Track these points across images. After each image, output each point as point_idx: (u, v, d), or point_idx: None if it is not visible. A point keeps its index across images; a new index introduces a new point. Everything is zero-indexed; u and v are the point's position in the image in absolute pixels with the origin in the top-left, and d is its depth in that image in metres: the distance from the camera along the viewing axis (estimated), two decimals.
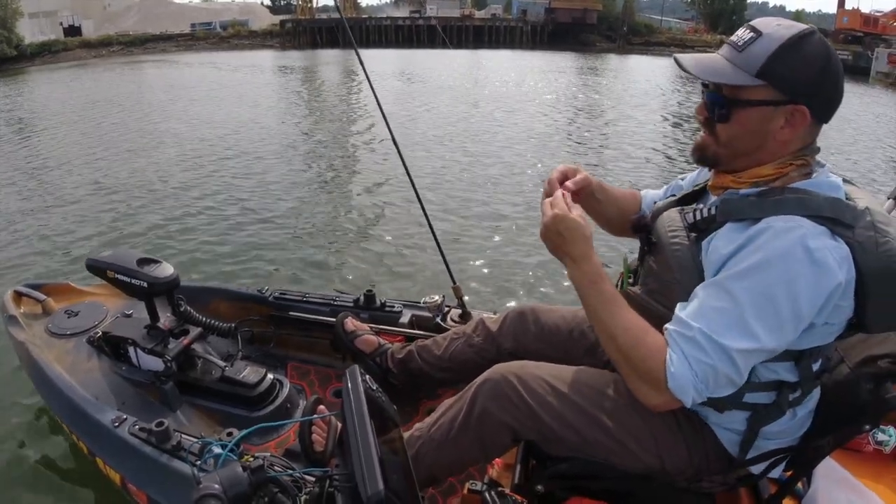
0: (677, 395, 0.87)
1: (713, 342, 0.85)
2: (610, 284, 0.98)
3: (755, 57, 0.88)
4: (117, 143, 7.88)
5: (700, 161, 1.02)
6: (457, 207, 5.08)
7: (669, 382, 0.87)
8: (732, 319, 0.84)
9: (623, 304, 0.97)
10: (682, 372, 0.86)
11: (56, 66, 25.26)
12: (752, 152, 0.94)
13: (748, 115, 0.91)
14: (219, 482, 0.85)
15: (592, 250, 0.98)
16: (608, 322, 0.95)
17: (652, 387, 0.90)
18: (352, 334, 1.72)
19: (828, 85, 0.88)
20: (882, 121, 11.88)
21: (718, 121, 0.94)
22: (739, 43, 0.91)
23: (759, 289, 0.83)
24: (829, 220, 0.85)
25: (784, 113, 0.89)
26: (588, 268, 0.97)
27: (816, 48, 0.87)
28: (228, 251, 4.07)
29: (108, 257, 1.67)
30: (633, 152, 7.62)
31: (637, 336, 0.92)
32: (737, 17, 41.35)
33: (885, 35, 28.43)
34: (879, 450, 1.37)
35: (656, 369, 0.88)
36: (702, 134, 0.99)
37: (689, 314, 0.88)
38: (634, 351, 0.92)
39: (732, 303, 0.85)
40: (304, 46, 36.00)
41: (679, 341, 0.88)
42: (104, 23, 39.58)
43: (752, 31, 0.91)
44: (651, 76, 19.80)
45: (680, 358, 0.87)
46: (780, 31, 0.88)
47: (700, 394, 0.87)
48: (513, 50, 34.59)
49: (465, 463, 1.21)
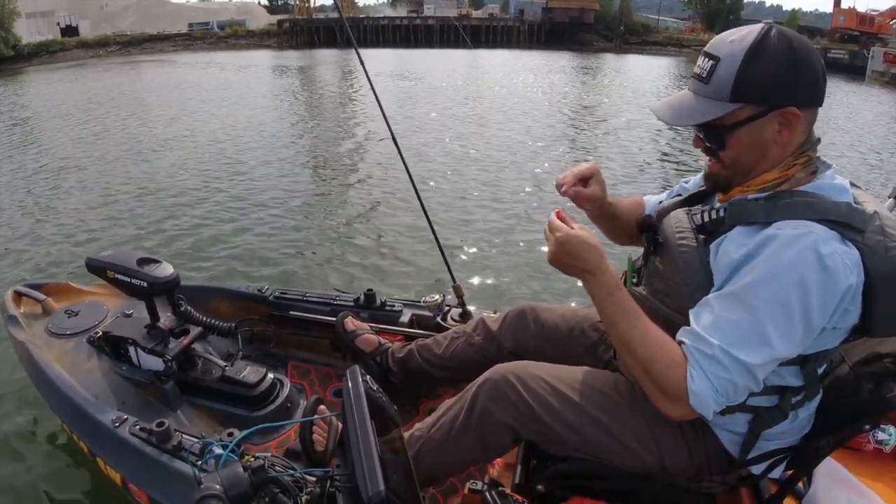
0: (698, 410, 0.87)
1: (733, 359, 0.85)
2: (627, 294, 0.98)
3: (722, 83, 0.88)
4: (117, 143, 7.88)
5: (715, 188, 1.02)
6: (457, 206, 5.08)
7: (691, 399, 0.87)
8: (750, 332, 0.84)
9: (640, 314, 0.96)
10: (703, 389, 0.86)
11: (54, 66, 25.21)
12: (757, 163, 0.93)
13: (740, 135, 0.91)
14: (220, 482, 0.85)
15: (605, 260, 0.97)
16: (627, 333, 0.94)
17: (672, 399, 0.90)
18: (352, 334, 1.72)
19: (803, 74, 0.86)
20: (882, 119, 11.88)
21: (717, 149, 0.95)
22: (703, 74, 0.91)
23: (774, 298, 0.83)
24: (839, 224, 0.84)
25: (775, 118, 0.89)
26: (604, 279, 0.96)
27: (777, 45, 0.86)
28: (228, 251, 4.07)
29: (108, 257, 1.67)
30: (632, 150, 7.64)
31: (656, 349, 0.92)
32: (733, 17, 41.51)
33: (881, 34, 28.59)
34: (880, 449, 1.37)
35: (676, 385, 0.88)
36: (708, 162, 1.00)
37: (705, 328, 0.88)
38: (654, 364, 0.91)
39: (748, 315, 0.84)
40: (302, 46, 35.92)
41: (699, 359, 0.87)
42: (101, 23, 39.42)
43: (709, 58, 0.90)
44: (648, 75, 19.81)
45: (700, 375, 0.86)
46: (735, 47, 0.87)
47: (720, 406, 0.88)
48: (510, 49, 34.65)
49: (465, 463, 1.22)
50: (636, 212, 1.27)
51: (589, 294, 0.99)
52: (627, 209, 1.27)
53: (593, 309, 1.39)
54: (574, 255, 0.97)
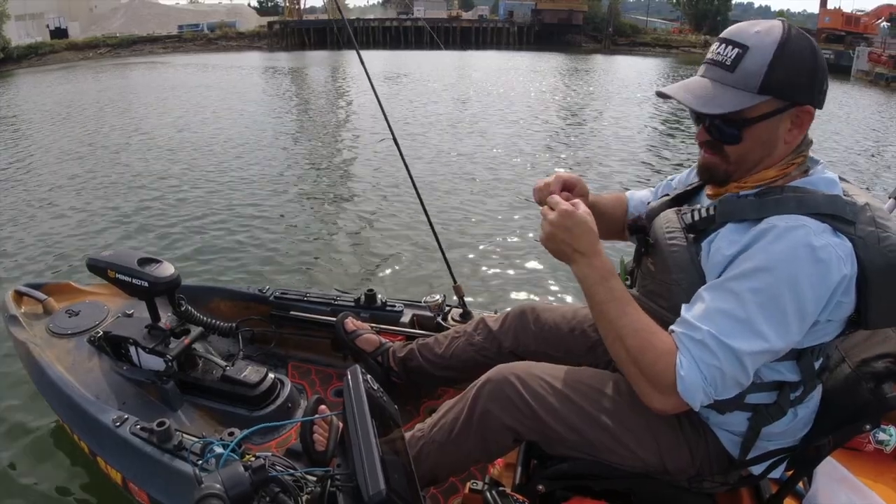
0: (686, 399, 0.86)
1: (722, 344, 0.84)
2: (620, 282, 0.96)
3: (752, 74, 0.85)
4: (118, 143, 7.88)
5: (710, 181, 1.00)
6: (457, 206, 5.08)
7: (679, 386, 0.85)
8: (740, 321, 0.84)
9: (632, 302, 0.94)
10: (691, 375, 0.85)
11: (43, 68, 25.15)
12: (762, 160, 0.93)
13: (758, 130, 0.89)
14: (220, 482, 0.85)
15: (601, 245, 0.96)
16: (617, 322, 0.92)
17: (660, 390, 0.88)
18: (353, 334, 1.72)
19: (821, 75, 0.88)
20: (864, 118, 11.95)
21: (727, 143, 0.92)
22: (727, 62, 0.87)
23: (764, 289, 0.83)
24: (830, 216, 0.85)
25: (790, 115, 0.89)
26: (599, 262, 0.95)
27: (802, 44, 0.86)
28: (229, 251, 4.07)
29: (109, 257, 1.67)
30: (619, 148, 7.69)
31: (646, 338, 0.90)
32: (721, 18, 42.09)
33: (866, 34, 28.94)
34: (880, 449, 1.37)
35: (665, 373, 0.87)
36: (703, 154, 0.97)
37: (695, 316, 0.87)
38: (643, 354, 0.89)
39: (739, 304, 0.84)
40: (293, 48, 35.85)
41: (688, 344, 0.86)
42: (90, 25, 39.31)
43: (735, 45, 0.87)
44: (635, 76, 19.82)
45: (689, 361, 0.86)
46: (764, 38, 0.85)
47: (708, 397, 0.86)
48: (500, 51, 34.80)
49: (466, 463, 1.22)
50: (619, 208, 1.27)
51: (580, 279, 0.97)
52: (611, 205, 1.27)
53: None
54: (573, 234, 0.94)
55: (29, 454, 2.06)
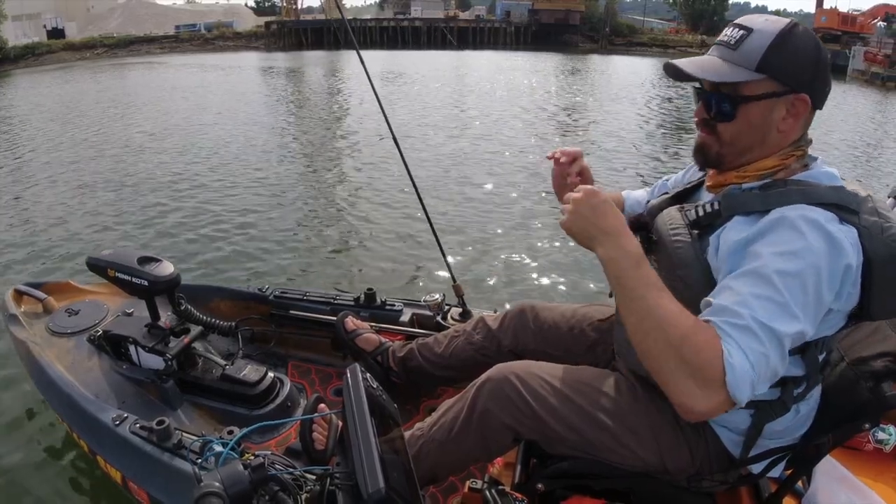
0: (733, 392, 0.77)
1: (766, 328, 0.78)
2: (649, 266, 0.88)
3: (752, 52, 0.89)
4: (117, 143, 7.87)
5: (703, 163, 1.02)
6: (457, 206, 5.07)
7: (728, 376, 0.76)
8: (778, 304, 0.79)
9: (665, 288, 0.85)
10: (741, 364, 0.76)
11: (41, 68, 25.05)
12: (755, 147, 0.94)
13: (752, 109, 0.91)
14: (220, 480, 0.85)
15: (627, 227, 0.90)
16: (656, 311, 0.82)
17: (705, 384, 0.77)
18: (352, 333, 1.73)
19: (822, 72, 0.90)
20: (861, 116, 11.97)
21: (721, 120, 0.94)
22: (731, 41, 0.91)
23: (792, 273, 0.80)
24: (835, 206, 0.85)
25: (785, 103, 0.90)
26: (628, 243, 0.87)
27: (806, 38, 0.89)
28: (229, 250, 4.07)
29: (108, 256, 1.67)
30: (615, 148, 7.70)
31: (689, 326, 0.80)
32: (718, 18, 42.26)
33: (862, 34, 29.05)
34: (879, 448, 1.37)
35: (713, 363, 0.76)
36: (700, 135, 0.98)
37: (733, 303, 0.81)
38: (687, 343, 0.78)
39: (773, 289, 0.80)
40: (290, 48, 35.67)
41: (731, 332, 0.78)
42: (87, 25, 39.10)
43: (741, 28, 0.91)
44: (632, 76, 19.82)
45: (736, 349, 0.77)
46: (770, 25, 0.90)
47: (752, 390, 0.78)
48: (497, 51, 34.79)
49: (466, 462, 1.22)
50: (617, 207, 1.27)
51: (606, 263, 0.88)
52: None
53: (593, 308, 1.40)
54: (597, 212, 0.89)
55: (28, 453, 2.06)
